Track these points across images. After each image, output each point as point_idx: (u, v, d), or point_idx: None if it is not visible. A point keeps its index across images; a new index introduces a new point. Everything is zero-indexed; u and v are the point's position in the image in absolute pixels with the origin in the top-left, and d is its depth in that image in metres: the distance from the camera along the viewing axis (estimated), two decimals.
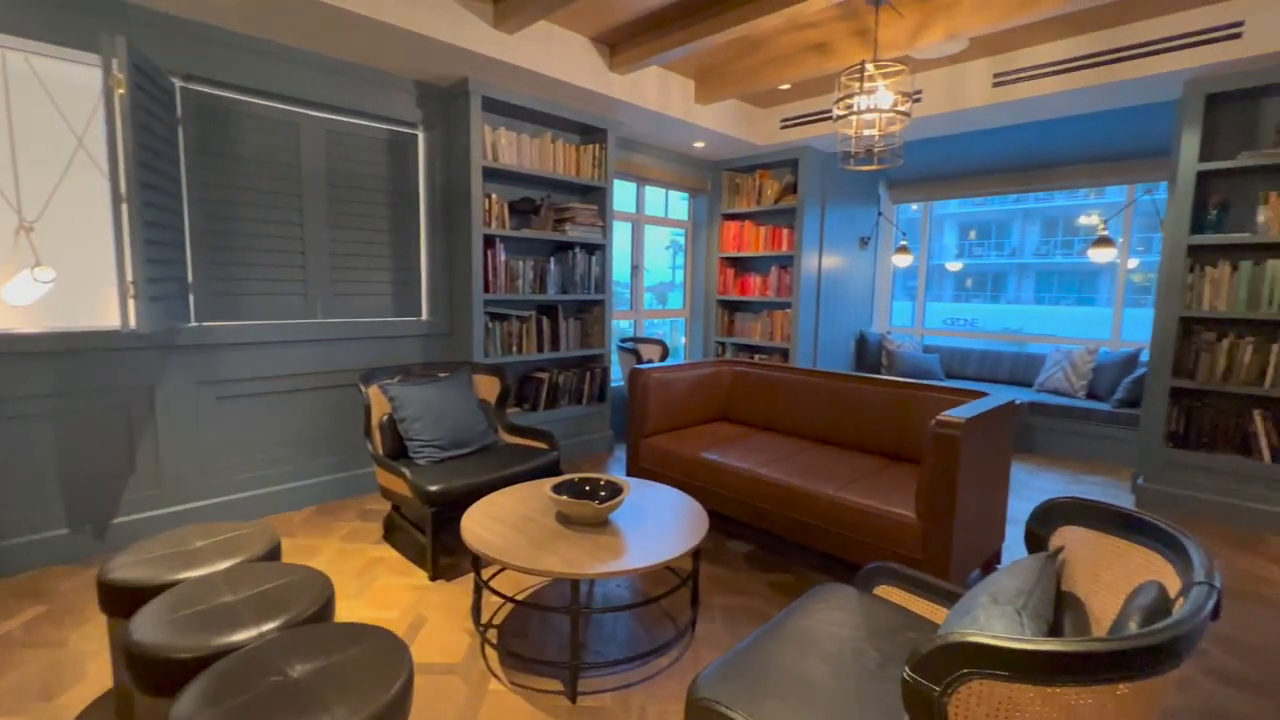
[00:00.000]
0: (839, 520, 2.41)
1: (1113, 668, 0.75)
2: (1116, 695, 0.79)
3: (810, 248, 5.08)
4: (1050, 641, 0.77)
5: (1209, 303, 3.26)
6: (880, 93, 2.96)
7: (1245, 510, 3.17)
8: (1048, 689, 0.79)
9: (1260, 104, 3.22)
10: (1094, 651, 0.74)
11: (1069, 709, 0.80)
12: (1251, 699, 1.86)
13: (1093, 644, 0.75)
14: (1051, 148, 4.93)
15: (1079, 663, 0.75)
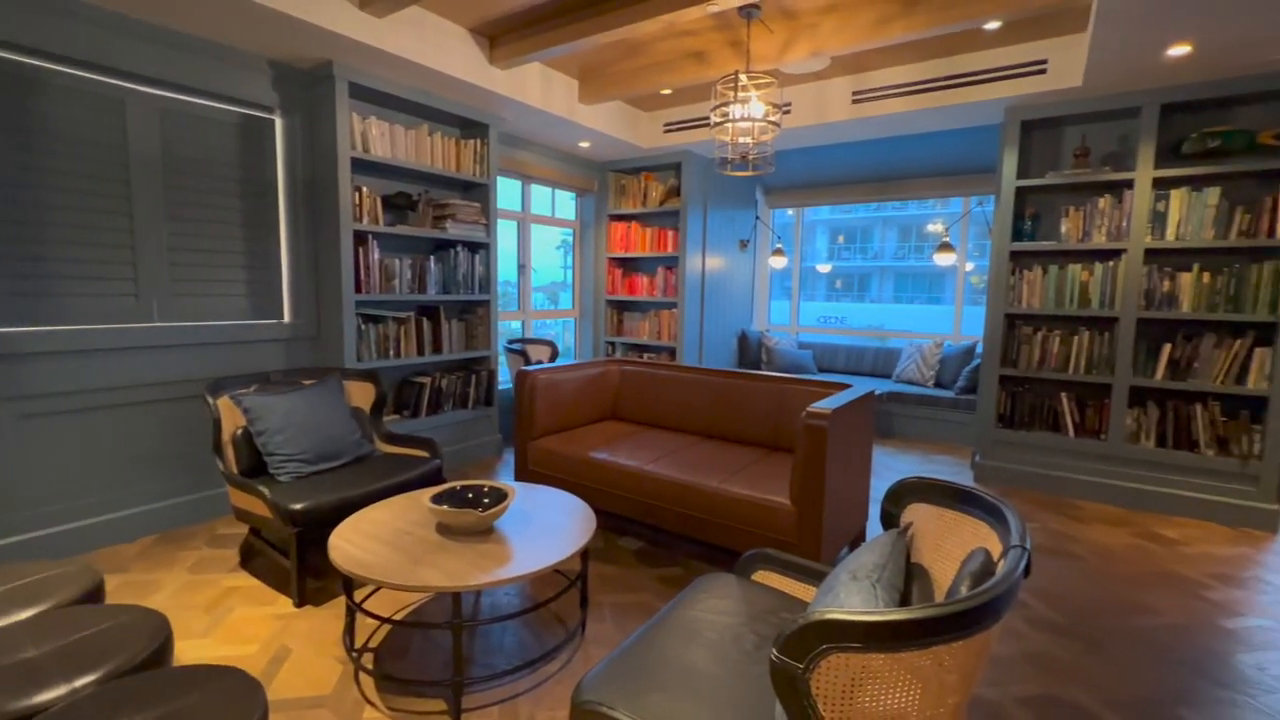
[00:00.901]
0: (723, 511, 2.50)
1: (944, 630, 0.84)
2: (950, 651, 0.89)
3: (694, 249, 5.25)
4: (893, 612, 0.84)
5: (1026, 301, 3.77)
6: (753, 103, 3.12)
7: (1057, 479, 3.71)
8: (895, 655, 0.86)
9: (1062, 131, 3.77)
10: (927, 617, 0.83)
11: (913, 669, 0.89)
12: (1064, 641, 2.17)
13: (926, 611, 0.83)
14: (904, 162, 5.45)
15: (917, 628, 0.83)
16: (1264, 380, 3.16)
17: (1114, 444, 3.52)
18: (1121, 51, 2.90)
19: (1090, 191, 3.66)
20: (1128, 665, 2.03)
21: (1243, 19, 2.54)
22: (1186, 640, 2.18)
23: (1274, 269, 3.12)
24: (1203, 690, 1.91)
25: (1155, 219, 3.40)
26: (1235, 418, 3.26)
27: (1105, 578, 2.64)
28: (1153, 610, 2.38)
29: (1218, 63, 3.00)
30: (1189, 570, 2.72)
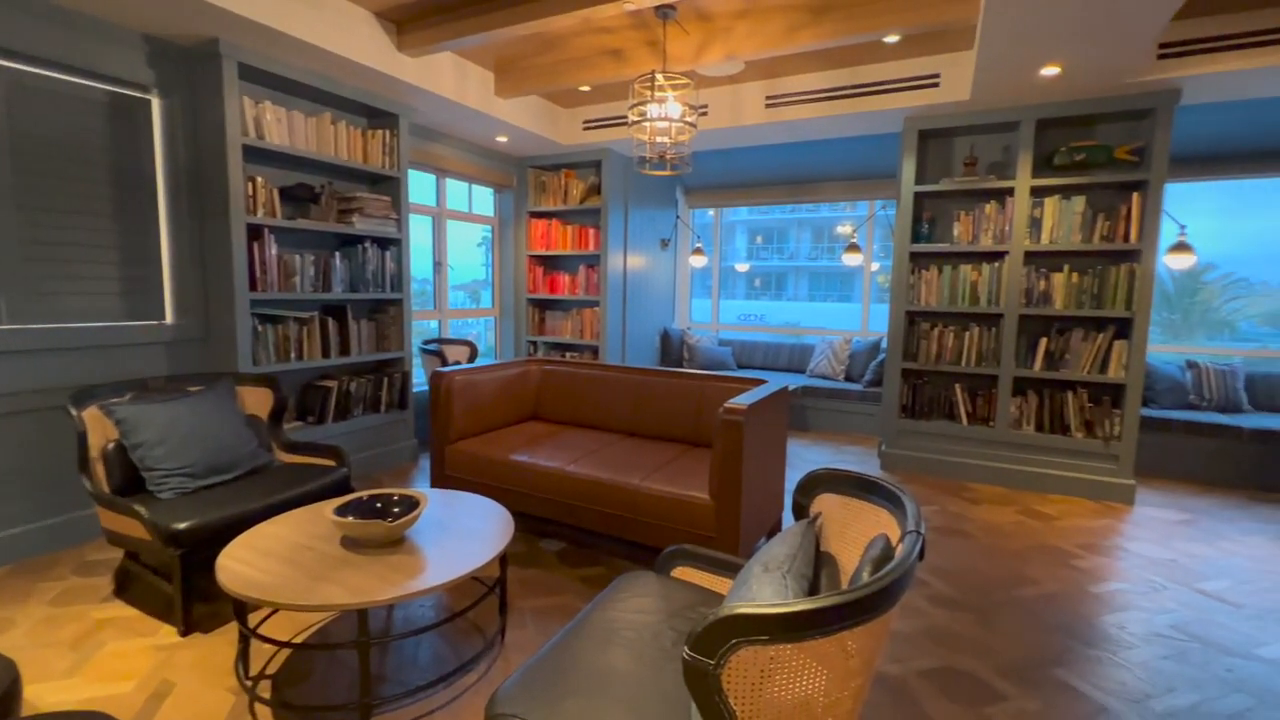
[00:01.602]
0: (644, 508, 2.51)
1: (847, 616, 0.88)
2: (853, 635, 0.92)
3: (615, 247, 5.25)
4: (798, 603, 0.87)
5: (924, 299, 4.03)
6: (670, 103, 3.15)
7: (953, 464, 4.00)
8: (801, 644, 0.89)
9: (954, 141, 4.06)
10: (830, 606, 0.86)
11: (819, 656, 0.92)
12: (959, 615, 2.33)
13: (829, 599, 0.87)
14: (815, 166, 5.69)
15: (821, 617, 0.86)
16: (1122, 369, 3.54)
17: (1001, 430, 3.84)
18: (1003, 69, 3.15)
19: (979, 198, 3.96)
20: (1013, 633, 2.21)
21: (1101, 45, 2.82)
22: (1061, 606, 2.40)
23: (1129, 270, 3.50)
24: (1074, 650, 2.11)
25: (1033, 224, 3.72)
26: (1099, 403, 3.64)
27: (994, 553, 2.87)
28: (1033, 581, 2.61)
29: (1082, 84, 3.33)
30: (1062, 542, 3.00)
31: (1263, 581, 2.63)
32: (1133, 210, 3.48)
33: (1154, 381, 4.26)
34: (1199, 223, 6.24)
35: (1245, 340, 9.90)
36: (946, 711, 1.79)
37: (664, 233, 6.10)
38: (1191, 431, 3.96)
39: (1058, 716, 1.78)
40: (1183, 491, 3.80)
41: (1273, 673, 2.00)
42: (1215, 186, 4.64)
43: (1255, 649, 2.13)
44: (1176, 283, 9.19)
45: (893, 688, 1.89)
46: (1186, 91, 3.37)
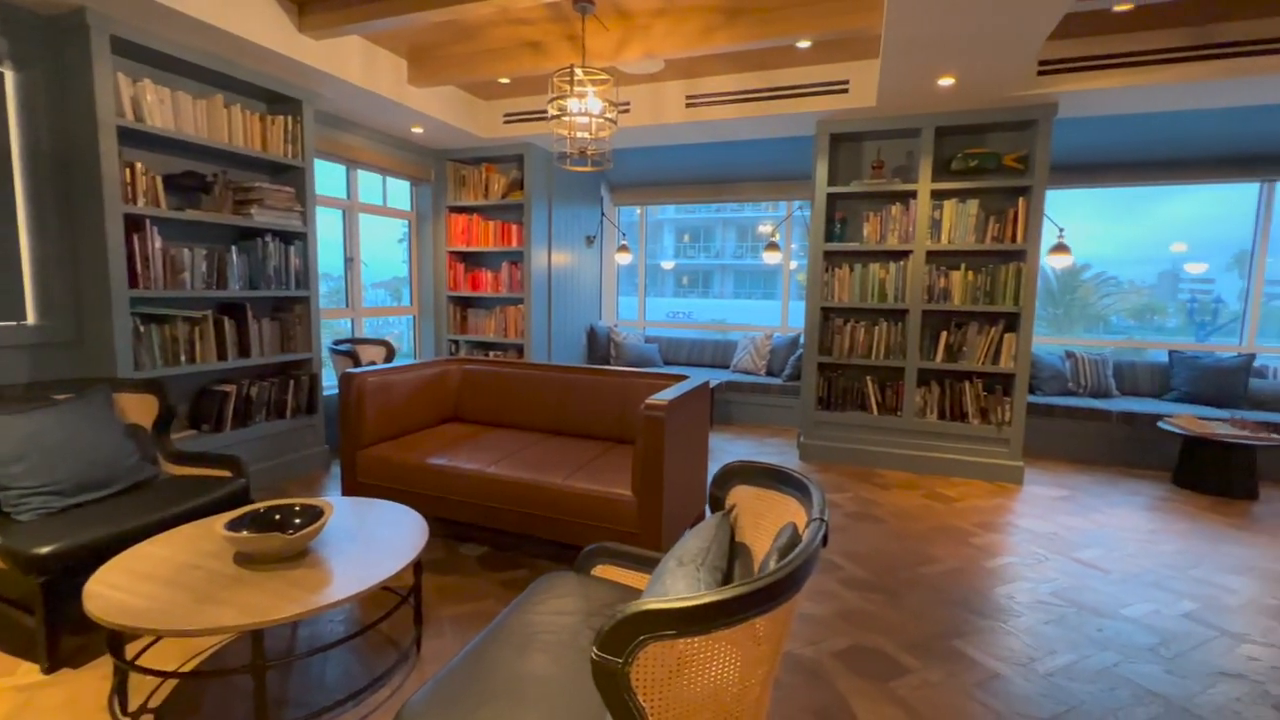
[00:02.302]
0: (567, 508, 2.49)
1: (751, 605, 0.89)
2: (759, 624, 0.94)
3: (540, 244, 5.17)
4: (703, 595, 0.87)
5: (838, 296, 4.22)
6: (590, 98, 3.13)
7: (866, 452, 4.21)
8: (708, 636, 0.90)
9: (863, 145, 4.26)
10: (734, 596, 0.87)
11: (727, 646, 0.93)
12: (869, 596, 2.45)
13: (734, 590, 0.88)
14: (737, 166, 5.82)
15: (726, 608, 0.87)
16: (1011, 360, 3.84)
17: (907, 419, 4.08)
18: (904, 78, 3.34)
19: (886, 199, 4.18)
20: (918, 610, 2.35)
21: (987, 60, 3.04)
22: (960, 582, 2.58)
23: (1016, 268, 3.81)
24: (971, 622, 2.27)
25: (933, 225, 3.97)
26: (993, 392, 3.94)
27: (902, 535, 3.04)
28: (936, 559, 2.78)
29: (975, 94, 3.58)
30: (962, 522, 3.23)
31: (1128, 548, 2.92)
32: (1019, 214, 3.78)
33: (1039, 371, 4.66)
34: (1078, 226, 6.91)
35: (1116, 333, 10.96)
36: (857, 688, 1.88)
37: (589, 229, 6.06)
38: (1070, 415, 4.36)
39: (955, 685, 1.90)
40: (1064, 470, 4.17)
41: (1135, 629, 2.23)
42: (1092, 194, 5.11)
43: (1121, 609, 2.36)
44: (1059, 280, 10.10)
45: (808, 669, 1.96)
46: (1063, 106, 3.69)
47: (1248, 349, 4.70)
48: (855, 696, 1.84)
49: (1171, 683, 1.93)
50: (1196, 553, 2.89)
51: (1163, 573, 2.68)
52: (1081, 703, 1.83)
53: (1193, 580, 2.61)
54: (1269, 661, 2.05)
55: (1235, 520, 3.31)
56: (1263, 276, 4.73)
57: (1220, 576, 2.66)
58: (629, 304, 7.28)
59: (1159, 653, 2.09)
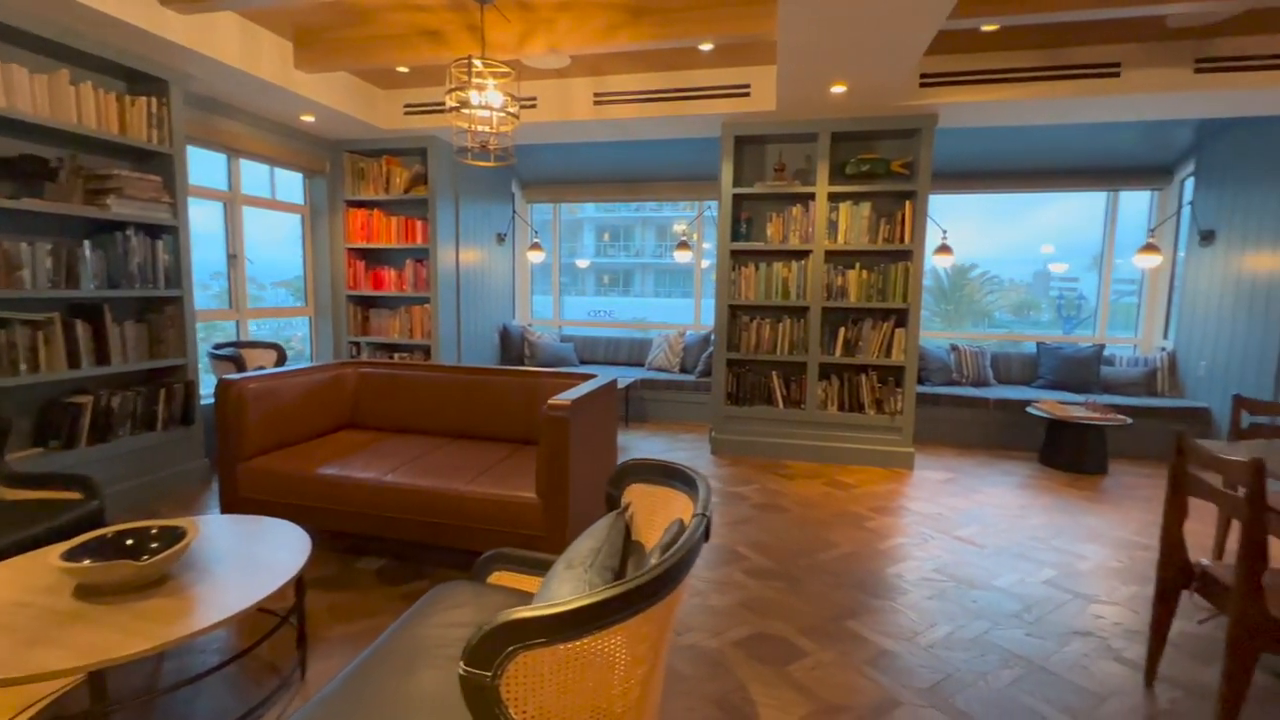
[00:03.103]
0: (470, 514, 2.41)
1: (623, 607, 0.89)
2: (635, 624, 0.94)
3: (446, 241, 4.98)
4: (571, 601, 0.86)
5: (744, 294, 4.34)
6: (491, 91, 3.04)
7: (773, 444, 4.36)
8: (581, 641, 0.88)
9: (766, 148, 4.41)
10: (604, 600, 0.86)
11: (601, 650, 0.92)
12: (772, 583, 2.54)
13: (604, 593, 0.87)
14: (650, 165, 5.87)
15: (596, 612, 0.86)
16: (901, 353, 4.10)
17: (810, 411, 4.27)
18: (800, 84, 3.48)
19: (787, 201, 4.35)
20: (816, 594, 2.45)
21: (873, 71, 3.22)
22: (855, 565, 2.72)
23: (904, 268, 4.06)
24: (864, 602, 2.39)
25: (831, 226, 4.17)
26: (886, 383, 4.19)
27: (804, 523, 3.17)
28: (834, 544, 2.92)
29: (865, 102, 3.78)
30: (859, 507, 3.41)
31: (1001, 524, 3.19)
32: (906, 216, 4.04)
33: (927, 363, 5.01)
34: (965, 229, 7.50)
35: (999, 326, 11.93)
36: (756, 674, 1.93)
37: (500, 227, 5.92)
38: (955, 404, 4.72)
39: (847, 663, 2.00)
40: (949, 454, 4.51)
41: (1003, 598, 2.43)
42: (977, 199, 5.54)
43: (993, 580, 2.58)
44: (950, 279, 10.93)
45: (711, 660, 2.00)
46: (943, 116, 3.97)
47: (1099, 340, 5.27)
48: (754, 683, 1.89)
49: (1032, 644, 2.12)
50: (1057, 525, 3.20)
51: (1028, 544, 2.94)
52: (957, 670, 1.98)
53: (1053, 550, 2.89)
54: (1112, 618, 2.30)
55: (1089, 493, 3.69)
56: (1110, 275, 5.32)
57: (1076, 545, 2.95)
58: (546, 303, 7.17)
59: (1022, 618, 2.29)
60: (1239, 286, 4.22)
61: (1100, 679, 1.94)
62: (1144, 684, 1.92)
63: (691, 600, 2.38)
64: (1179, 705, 1.83)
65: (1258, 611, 1.53)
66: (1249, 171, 4.17)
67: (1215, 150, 4.51)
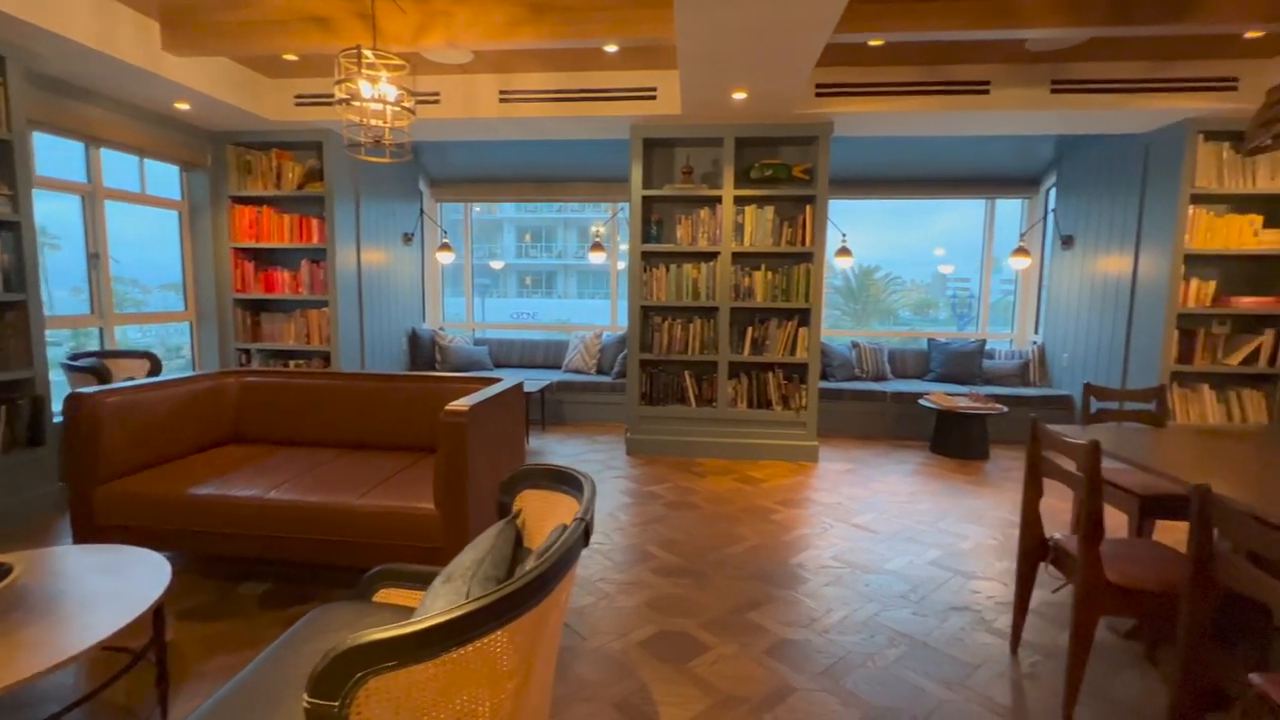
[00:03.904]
0: (364, 529, 2.28)
1: (483, 622, 0.85)
2: (504, 634, 0.91)
3: (346, 241, 4.72)
4: (423, 620, 0.81)
5: (656, 295, 4.39)
6: (384, 83, 2.90)
7: (687, 443, 4.43)
8: (438, 659, 0.84)
9: (674, 151, 4.47)
10: (456, 617, 0.83)
11: (461, 667, 0.88)
12: (679, 581, 2.56)
13: (460, 610, 0.83)
14: (563, 166, 5.81)
15: (450, 630, 0.82)
16: (805, 351, 4.28)
17: (721, 409, 4.37)
18: (702, 89, 3.55)
19: (695, 204, 4.43)
20: (721, 588, 2.50)
21: (770, 78, 3.34)
22: (760, 557, 2.80)
23: (806, 269, 4.24)
24: (767, 593, 2.47)
25: (737, 229, 4.29)
26: (791, 380, 4.36)
27: (714, 519, 3.24)
28: (741, 538, 3.00)
29: (765, 109, 3.91)
30: (766, 501, 3.52)
31: (894, 511, 3.39)
32: (807, 220, 4.22)
33: (831, 359, 5.26)
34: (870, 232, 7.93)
35: (903, 324, 12.67)
36: (659, 673, 1.94)
37: (407, 226, 5.68)
38: (856, 398, 4.98)
39: (747, 655, 2.05)
40: (851, 446, 4.75)
41: (893, 580, 2.58)
42: (881, 204, 5.85)
43: (884, 565, 2.73)
44: (857, 280, 11.55)
45: (614, 663, 1.99)
46: (838, 125, 4.18)
47: (982, 335, 5.73)
48: (656, 682, 1.90)
49: (916, 623, 2.26)
50: (943, 508, 3.44)
51: (918, 528, 3.14)
52: (849, 652, 2.07)
53: (939, 532, 3.10)
54: (986, 593, 2.49)
55: (972, 478, 4.00)
56: (990, 276, 5.79)
57: (959, 526, 3.18)
58: (461, 305, 6.96)
59: (909, 598, 2.44)
60: (1093, 285, 4.71)
61: (973, 650, 2.10)
62: (1010, 651, 2.09)
63: (599, 603, 2.37)
64: (1039, 667, 2.01)
65: (1096, 578, 1.70)
66: (1099, 183, 4.66)
67: (1072, 164, 5.00)
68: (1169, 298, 3.93)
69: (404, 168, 5.56)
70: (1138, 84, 3.67)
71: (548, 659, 1.18)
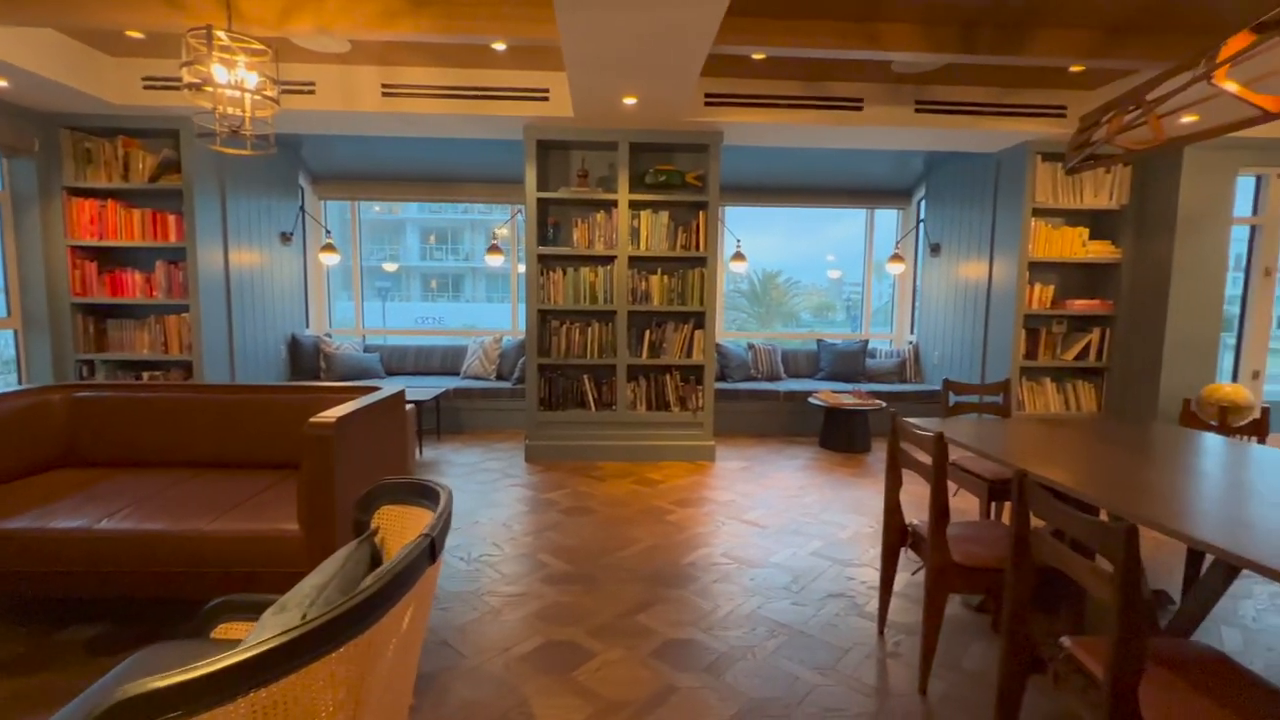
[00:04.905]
0: (216, 557, 2.07)
1: (290, 658, 0.78)
2: (314, 672, 0.83)
3: (211, 239, 4.31)
4: (208, 664, 0.73)
5: (554, 298, 4.34)
6: (242, 69, 2.67)
7: (586, 447, 4.41)
8: (234, 704, 0.76)
9: (570, 154, 4.44)
10: (250, 658, 0.75)
11: (269, 708, 0.80)
12: (568, 588, 2.53)
13: (251, 651, 0.76)
14: (457, 165, 5.62)
15: (243, 672, 0.74)
16: (701, 354, 4.39)
17: (621, 412, 4.38)
18: (593, 93, 3.55)
19: (591, 207, 4.42)
20: (611, 592, 2.49)
21: (657, 85, 3.39)
22: (653, 559, 2.82)
23: (701, 273, 4.35)
24: (659, 594, 2.49)
25: (633, 233, 4.32)
26: (688, 381, 4.45)
27: (609, 523, 3.23)
28: (636, 540, 3.01)
29: (657, 116, 3.97)
30: (662, 502, 3.56)
31: (782, 506, 3.54)
32: (701, 225, 4.32)
33: (728, 361, 5.42)
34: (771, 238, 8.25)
35: (804, 326, 13.30)
36: (541, 686, 1.90)
37: (285, 225, 5.27)
38: (751, 397, 5.17)
39: (633, 658, 2.05)
40: (746, 444, 4.92)
41: (777, 573, 2.68)
42: (782, 211, 6.10)
43: (769, 558, 2.83)
44: (761, 284, 12.02)
45: (494, 679, 1.93)
46: (728, 134, 4.31)
47: (865, 336, 6.13)
48: (537, 696, 1.85)
49: (795, 612, 2.36)
50: (827, 500, 3.63)
51: (803, 521, 3.30)
52: (732, 647, 2.12)
53: (822, 523, 3.27)
54: (860, 579, 2.64)
55: (855, 470, 4.25)
56: (871, 281, 6.21)
57: (840, 516, 3.37)
58: (368, 310, 6.56)
59: (790, 589, 2.54)
60: (957, 289, 5.16)
61: (846, 634, 2.21)
62: (878, 633, 2.22)
63: (484, 618, 2.29)
64: (902, 645, 2.15)
65: (944, 559, 1.84)
66: (960, 196, 5.12)
67: (938, 178, 5.47)
68: (1017, 300, 4.37)
69: (281, 162, 5.16)
70: (987, 108, 4.06)
71: (394, 689, 1.11)
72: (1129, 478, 1.75)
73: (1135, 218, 4.37)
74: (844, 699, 1.86)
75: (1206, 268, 4.10)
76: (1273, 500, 1.58)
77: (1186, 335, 4.12)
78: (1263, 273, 4.26)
